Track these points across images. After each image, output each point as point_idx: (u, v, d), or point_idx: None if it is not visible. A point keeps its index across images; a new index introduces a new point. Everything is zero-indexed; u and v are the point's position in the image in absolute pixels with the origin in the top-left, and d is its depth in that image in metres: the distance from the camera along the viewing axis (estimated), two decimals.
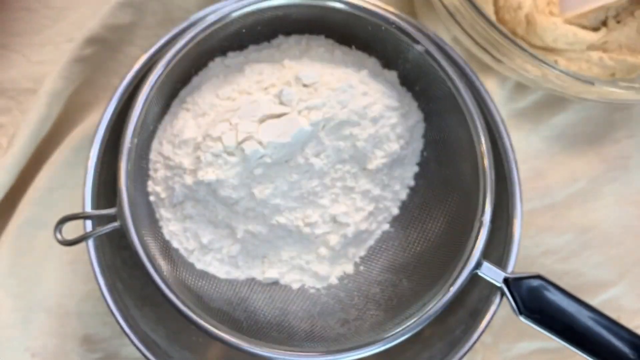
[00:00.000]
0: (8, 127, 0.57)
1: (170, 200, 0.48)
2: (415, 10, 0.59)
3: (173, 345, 0.47)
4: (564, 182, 0.57)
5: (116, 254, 0.47)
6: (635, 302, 0.56)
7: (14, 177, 0.53)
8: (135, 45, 0.56)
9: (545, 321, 0.43)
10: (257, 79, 0.47)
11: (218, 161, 0.45)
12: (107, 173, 0.46)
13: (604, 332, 0.42)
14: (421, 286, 0.48)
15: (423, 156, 0.52)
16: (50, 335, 0.52)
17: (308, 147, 0.46)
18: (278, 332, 0.48)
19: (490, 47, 0.52)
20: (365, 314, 0.50)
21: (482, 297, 0.47)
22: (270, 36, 0.50)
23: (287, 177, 0.47)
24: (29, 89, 0.57)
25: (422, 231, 0.52)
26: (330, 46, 0.50)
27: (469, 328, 0.46)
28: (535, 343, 0.55)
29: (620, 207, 0.58)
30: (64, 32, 0.58)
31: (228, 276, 0.50)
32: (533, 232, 0.56)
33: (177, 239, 0.49)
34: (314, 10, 0.48)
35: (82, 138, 0.54)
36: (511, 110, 0.58)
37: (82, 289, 0.53)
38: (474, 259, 0.42)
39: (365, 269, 0.52)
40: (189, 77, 0.49)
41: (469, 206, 0.46)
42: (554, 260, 0.56)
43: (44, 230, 0.53)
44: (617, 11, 0.55)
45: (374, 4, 0.46)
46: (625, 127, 0.59)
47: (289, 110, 0.45)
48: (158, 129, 0.48)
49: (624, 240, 0.57)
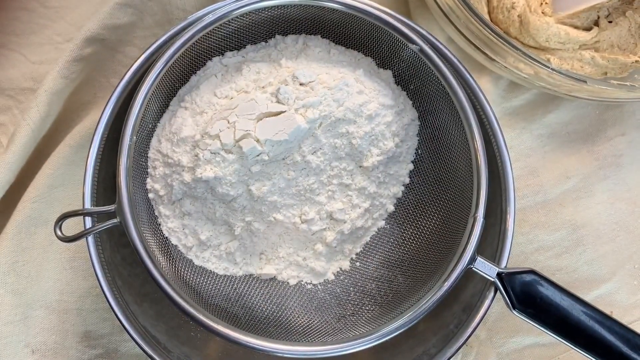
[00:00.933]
0: (7, 126, 0.57)
1: (169, 198, 0.48)
2: (410, 11, 0.60)
3: (172, 341, 0.47)
4: (556, 180, 0.58)
5: (116, 251, 0.47)
6: (628, 297, 0.57)
7: (14, 175, 0.53)
8: (134, 45, 0.57)
9: (538, 315, 0.43)
10: (254, 78, 0.47)
11: (216, 159, 0.45)
12: (106, 171, 0.46)
13: (597, 327, 0.43)
14: (416, 281, 0.48)
15: (418, 154, 0.53)
16: (50, 331, 0.52)
17: (305, 144, 0.47)
18: (275, 327, 0.49)
19: (484, 47, 0.53)
20: (362, 309, 0.51)
21: (475, 292, 0.47)
22: (267, 36, 0.51)
23: (284, 174, 0.47)
24: (28, 88, 0.57)
25: (417, 227, 0.52)
26: (326, 46, 0.51)
27: (462, 323, 0.46)
28: (529, 338, 0.55)
29: (612, 204, 0.58)
30: (62, 31, 0.59)
31: (226, 272, 0.50)
32: (527, 229, 0.57)
33: (176, 236, 0.49)
34: (310, 10, 0.48)
35: (82, 136, 0.54)
36: (505, 108, 0.59)
37: (81, 286, 0.53)
38: (468, 254, 0.43)
39: (361, 265, 0.53)
40: (187, 76, 0.50)
41: (463, 203, 0.46)
42: (547, 257, 0.57)
43: (44, 227, 0.53)
44: (609, 11, 0.56)
45: (370, 5, 0.47)
46: (617, 125, 0.59)
47: (286, 108, 0.45)
48: (157, 127, 0.49)
49: (615, 237, 0.58)
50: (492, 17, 0.56)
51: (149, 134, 0.48)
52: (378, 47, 0.50)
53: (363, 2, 0.47)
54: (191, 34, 0.45)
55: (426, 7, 0.59)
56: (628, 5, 0.56)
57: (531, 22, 0.54)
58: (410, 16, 0.59)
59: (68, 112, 0.56)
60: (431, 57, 0.46)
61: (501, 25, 0.56)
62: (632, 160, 0.59)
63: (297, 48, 0.50)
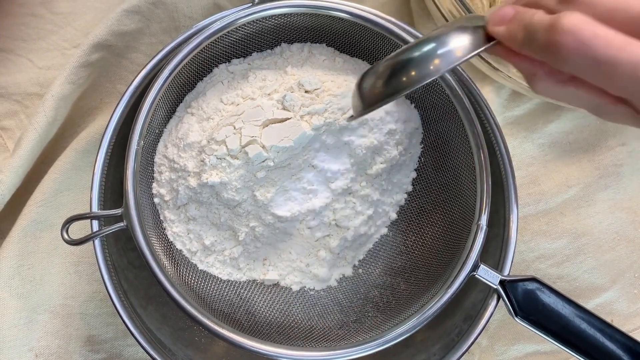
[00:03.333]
0: (14, 131, 0.57)
1: (174, 202, 0.49)
2: (414, 20, 0.60)
3: (177, 344, 0.47)
4: (558, 189, 0.58)
5: (122, 254, 0.47)
6: (628, 306, 0.57)
7: (21, 179, 0.53)
8: (141, 52, 0.58)
9: (540, 323, 0.43)
10: (260, 85, 0.48)
11: (222, 164, 0.46)
12: (113, 176, 0.46)
13: (598, 335, 0.43)
14: (418, 289, 0.49)
15: (421, 162, 0.53)
16: (54, 335, 0.52)
17: (309, 151, 0.47)
18: (278, 333, 0.49)
19: (488, 56, 0.53)
20: (364, 316, 0.51)
21: (477, 300, 0.47)
22: (273, 44, 0.51)
23: (288, 180, 0.48)
24: (35, 94, 0.58)
25: (419, 235, 0.53)
26: (331, 54, 0.51)
27: (465, 331, 0.47)
28: (530, 345, 0.55)
29: (613, 214, 0.58)
30: (69, 37, 0.59)
31: (230, 277, 0.51)
32: (528, 237, 0.57)
33: (181, 241, 0.49)
34: (316, 19, 0.49)
35: (88, 141, 0.55)
36: (507, 117, 0.59)
37: (86, 290, 0.53)
38: (471, 261, 0.43)
39: (364, 272, 0.53)
40: (194, 83, 0.50)
41: (466, 211, 0.47)
42: (548, 265, 0.57)
43: (49, 231, 0.53)
44: None
45: (375, 14, 0.47)
46: (618, 135, 0.60)
47: (292, 115, 0.46)
48: (163, 133, 0.49)
49: (616, 245, 0.58)
50: None
51: (155, 139, 0.49)
52: (382, 56, 0.51)
53: (369, 12, 0.47)
54: (198, 42, 0.45)
55: (429, 16, 0.59)
56: None
57: None
58: (414, 25, 0.60)
59: (74, 117, 0.56)
60: None
61: None
62: (632, 170, 0.59)
63: (303, 56, 0.51)
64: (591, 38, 0.27)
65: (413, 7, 0.61)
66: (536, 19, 0.30)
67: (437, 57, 0.34)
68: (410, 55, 0.35)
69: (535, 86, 0.34)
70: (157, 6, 0.56)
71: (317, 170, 0.48)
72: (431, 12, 0.58)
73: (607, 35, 0.27)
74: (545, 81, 0.33)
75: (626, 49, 0.27)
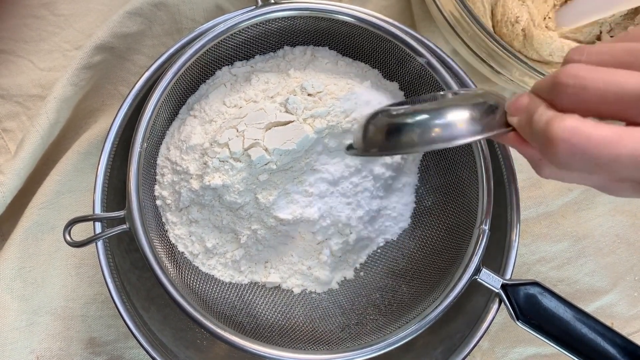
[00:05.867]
0: (16, 132, 0.57)
1: (176, 205, 0.48)
2: (416, 23, 0.61)
3: (178, 346, 0.47)
4: (558, 192, 0.59)
5: (125, 257, 0.47)
6: (628, 309, 0.57)
7: (22, 181, 0.53)
8: (143, 54, 0.57)
9: (541, 327, 0.43)
10: (263, 88, 0.48)
11: (224, 167, 0.46)
12: (116, 178, 0.46)
13: (598, 339, 0.43)
14: (420, 292, 0.49)
15: (423, 165, 0.53)
16: (55, 338, 0.52)
17: (312, 154, 0.47)
18: (280, 335, 0.49)
19: (490, 59, 0.53)
20: (366, 319, 0.51)
21: (478, 304, 0.47)
22: (276, 47, 0.51)
23: (290, 183, 0.48)
24: (37, 95, 0.58)
25: (421, 238, 0.53)
26: (334, 57, 0.51)
27: (466, 334, 0.47)
28: (531, 348, 0.56)
29: (613, 217, 0.59)
30: (71, 39, 0.59)
31: (232, 280, 0.51)
32: (529, 240, 0.57)
33: (183, 243, 0.49)
34: (318, 22, 0.49)
35: (90, 144, 0.55)
36: None
37: (87, 292, 0.53)
38: (473, 265, 0.43)
39: (365, 275, 0.53)
40: (196, 85, 0.50)
41: (468, 214, 0.47)
42: (549, 268, 0.57)
43: (51, 234, 0.53)
44: (611, 26, 0.57)
45: (379, 17, 0.47)
46: None
47: (295, 118, 0.46)
48: (166, 135, 0.49)
49: (616, 249, 0.58)
50: (496, 30, 0.57)
51: (157, 141, 0.49)
52: (385, 59, 0.51)
53: (371, 15, 0.47)
54: (201, 44, 0.45)
55: (431, 19, 0.59)
56: (630, 20, 0.57)
57: (535, 36, 0.54)
58: (416, 28, 0.60)
59: (76, 119, 0.56)
60: (438, 70, 0.47)
61: (505, 38, 0.56)
62: None
63: (305, 59, 0.51)
64: (585, 143, 0.26)
65: (415, 10, 0.61)
66: (536, 118, 0.29)
67: (457, 132, 0.32)
68: (434, 121, 0.32)
69: (541, 172, 0.34)
70: (159, 8, 0.56)
71: (320, 173, 0.48)
72: (433, 15, 0.58)
73: (601, 134, 0.26)
74: (551, 167, 0.33)
75: (622, 142, 0.26)
